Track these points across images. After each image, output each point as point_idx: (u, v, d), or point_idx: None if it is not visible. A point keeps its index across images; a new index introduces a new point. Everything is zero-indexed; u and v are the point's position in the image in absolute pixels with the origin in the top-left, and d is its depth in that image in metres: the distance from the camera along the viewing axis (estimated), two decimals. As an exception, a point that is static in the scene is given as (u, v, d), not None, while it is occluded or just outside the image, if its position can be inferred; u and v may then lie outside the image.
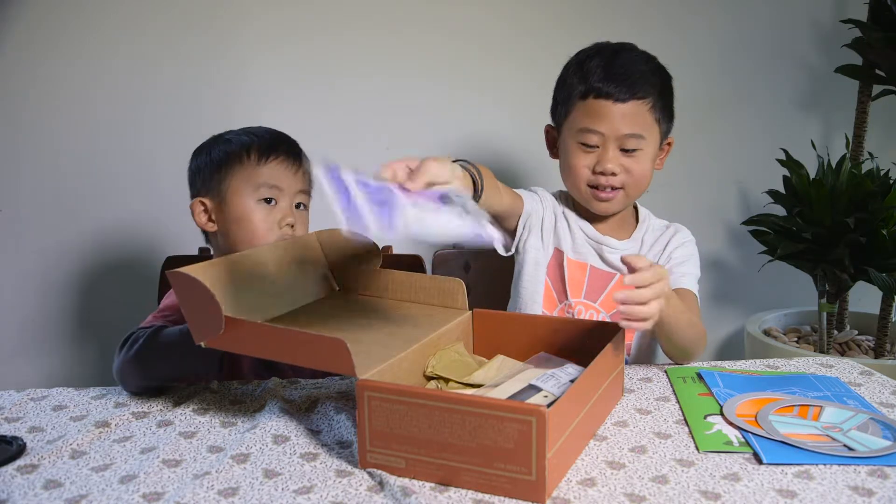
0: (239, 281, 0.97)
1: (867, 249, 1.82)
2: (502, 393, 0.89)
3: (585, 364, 0.88)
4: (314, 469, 0.82)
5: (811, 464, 0.80)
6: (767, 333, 2.04)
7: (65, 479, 0.80)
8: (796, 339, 2.08)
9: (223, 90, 1.90)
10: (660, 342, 1.16)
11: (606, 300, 1.27)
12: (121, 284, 1.93)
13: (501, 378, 0.93)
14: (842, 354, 2.00)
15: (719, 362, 1.14)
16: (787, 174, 1.91)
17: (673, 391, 1.02)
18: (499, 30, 1.97)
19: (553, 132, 1.32)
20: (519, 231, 1.28)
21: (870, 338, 2.06)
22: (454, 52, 1.96)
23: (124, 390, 1.04)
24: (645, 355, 1.29)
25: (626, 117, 1.20)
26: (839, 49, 1.97)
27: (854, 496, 0.75)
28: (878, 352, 1.98)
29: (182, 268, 0.88)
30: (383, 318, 1.01)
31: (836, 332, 2.06)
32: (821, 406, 0.94)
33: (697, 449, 0.85)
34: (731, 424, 0.90)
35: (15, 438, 0.88)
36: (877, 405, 0.97)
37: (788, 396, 0.97)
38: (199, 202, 1.23)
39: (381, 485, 0.77)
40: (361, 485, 0.78)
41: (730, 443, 0.86)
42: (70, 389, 1.06)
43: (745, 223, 1.97)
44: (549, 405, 0.73)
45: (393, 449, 0.79)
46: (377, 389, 0.78)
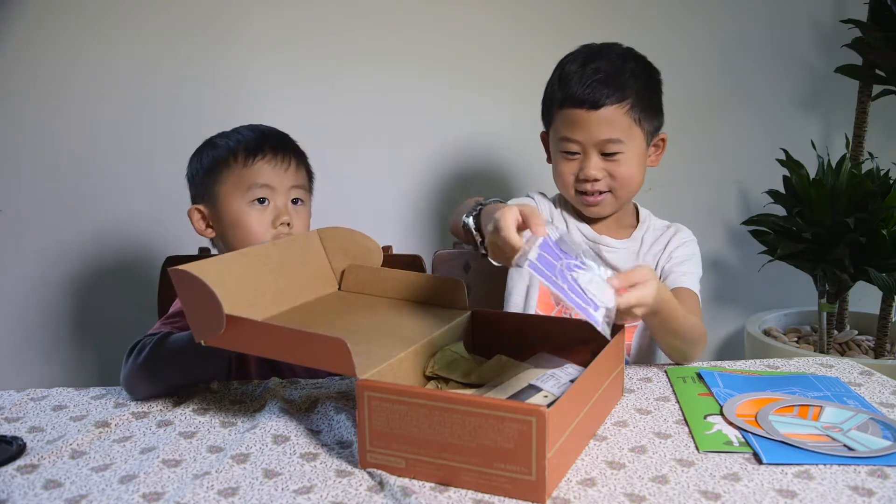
0: (240, 278, 0.97)
1: (867, 249, 1.82)
2: (502, 393, 0.89)
3: (585, 364, 0.88)
4: (314, 469, 0.82)
5: (811, 464, 0.80)
6: (767, 333, 2.04)
7: (65, 479, 0.80)
8: (796, 339, 2.08)
9: (223, 90, 1.90)
10: (658, 343, 1.16)
11: None
12: (121, 284, 1.93)
13: (501, 378, 0.93)
14: (842, 354, 2.00)
15: (719, 362, 1.14)
16: (787, 174, 1.91)
17: (673, 391, 1.02)
18: (499, 30, 1.97)
19: (547, 137, 1.33)
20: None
21: (870, 338, 2.06)
22: (454, 52, 1.96)
23: (132, 399, 1.02)
24: (645, 355, 1.29)
25: (602, 123, 1.20)
26: (839, 49, 1.97)
27: (854, 496, 0.75)
28: (878, 352, 1.98)
29: (184, 265, 0.89)
30: (383, 318, 1.01)
31: (836, 332, 2.06)
32: (821, 406, 0.94)
33: (697, 449, 0.85)
34: (731, 424, 0.90)
35: (15, 438, 0.88)
36: (877, 405, 0.97)
37: (788, 396, 0.97)
38: (196, 210, 1.23)
39: (381, 485, 0.77)
40: (361, 485, 0.78)
41: (730, 443, 0.86)
42: (70, 389, 1.06)
43: (745, 223, 1.97)
44: (549, 405, 0.73)
45: (393, 449, 0.79)
46: (377, 389, 0.78)
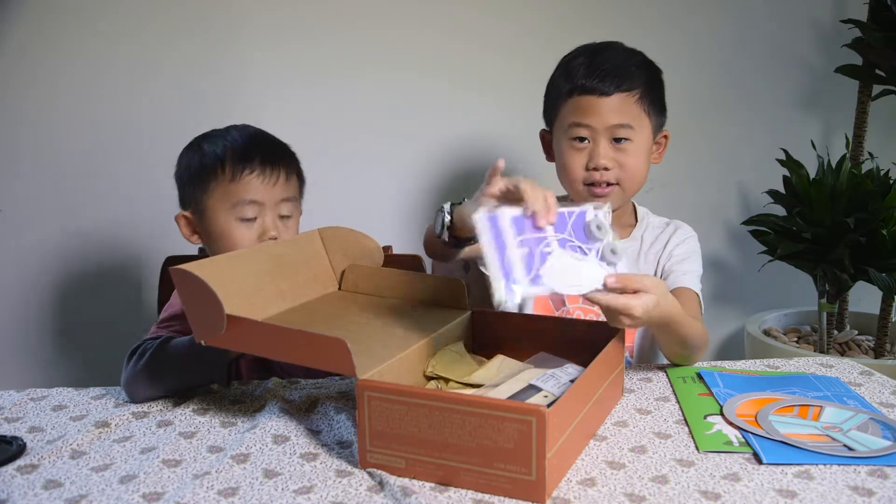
0: (240, 278, 0.97)
1: (867, 249, 1.82)
2: (502, 393, 0.89)
3: (585, 364, 0.88)
4: (314, 469, 0.82)
5: (811, 464, 0.80)
6: (767, 333, 2.03)
7: (65, 479, 0.80)
8: (796, 339, 2.08)
9: (223, 90, 1.90)
10: (661, 349, 1.16)
11: None
12: (121, 284, 1.93)
13: (501, 378, 0.93)
14: (842, 354, 2.00)
15: (719, 362, 1.14)
16: (787, 174, 1.91)
17: (673, 391, 1.02)
18: (499, 30, 1.97)
19: (547, 136, 1.33)
20: None
21: (870, 338, 2.06)
22: (454, 52, 1.96)
23: (132, 402, 1.01)
24: (647, 356, 1.29)
25: (614, 109, 1.21)
26: (839, 49, 1.97)
27: (854, 496, 0.75)
28: (878, 352, 1.98)
29: (185, 264, 0.89)
30: (383, 318, 1.01)
31: (836, 332, 2.06)
32: (821, 406, 0.94)
33: (697, 449, 0.85)
34: (731, 424, 0.90)
35: (15, 438, 0.88)
36: (877, 405, 0.97)
37: (788, 396, 0.97)
38: (183, 216, 1.20)
39: (381, 485, 0.77)
40: (361, 485, 0.78)
41: (730, 443, 0.86)
42: (70, 389, 1.06)
43: (745, 223, 1.97)
44: (549, 405, 0.73)
45: (393, 449, 0.79)
46: (377, 389, 0.78)
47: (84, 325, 1.95)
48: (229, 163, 1.16)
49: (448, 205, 1.04)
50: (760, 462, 0.81)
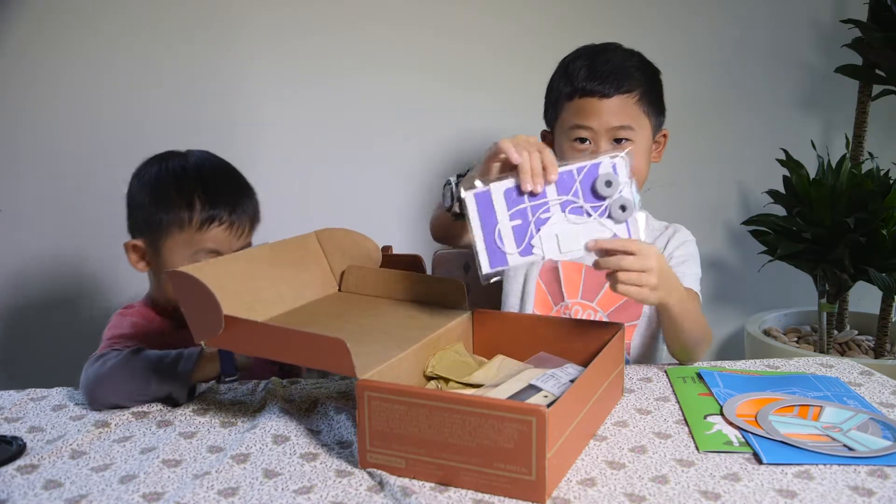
0: (238, 281, 0.97)
1: (867, 249, 1.82)
2: (502, 393, 0.89)
3: (585, 364, 0.88)
4: (314, 469, 0.82)
5: (811, 464, 0.80)
6: (767, 333, 2.04)
7: (65, 479, 0.80)
8: (796, 339, 2.08)
9: (223, 90, 1.90)
10: (665, 338, 1.16)
11: (604, 299, 1.27)
12: (121, 284, 1.93)
13: (501, 378, 0.93)
14: (842, 354, 2.00)
15: (719, 362, 1.14)
16: (787, 174, 1.91)
17: (673, 391, 1.02)
18: (500, 30, 1.97)
19: (549, 136, 1.33)
20: None
21: (870, 338, 2.06)
22: (454, 52, 1.96)
23: (91, 406, 0.99)
24: (645, 355, 1.29)
25: (614, 111, 1.21)
26: (839, 49, 1.97)
27: (854, 496, 0.75)
28: (878, 352, 1.98)
29: (182, 267, 0.89)
30: (383, 318, 1.01)
31: (836, 332, 2.06)
32: (821, 406, 0.94)
33: (697, 449, 0.85)
34: (731, 424, 0.90)
35: (15, 438, 0.88)
36: (877, 405, 0.97)
37: (788, 396, 0.97)
38: (133, 246, 1.19)
39: (381, 485, 0.77)
40: (361, 485, 0.78)
41: (730, 443, 0.86)
42: (70, 389, 1.06)
43: (745, 223, 1.97)
44: (549, 405, 0.73)
45: (393, 449, 0.79)
46: (377, 389, 0.78)
47: (84, 325, 1.95)
48: (198, 215, 1.14)
49: (454, 176, 1.05)
50: (760, 462, 0.81)
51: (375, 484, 0.78)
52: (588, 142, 1.23)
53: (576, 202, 0.89)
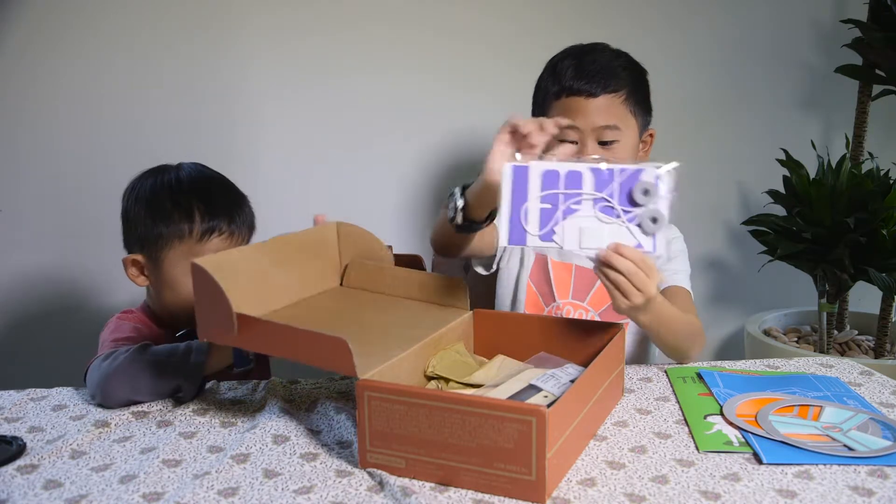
0: (254, 271, 0.97)
1: (867, 249, 1.82)
2: (502, 393, 0.89)
3: (585, 364, 0.88)
4: (314, 469, 0.82)
5: (811, 464, 0.80)
6: (767, 333, 2.03)
7: (65, 479, 0.80)
8: (796, 339, 2.08)
9: (223, 90, 1.90)
10: (656, 345, 1.16)
11: (595, 298, 1.27)
12: (121, 284, 1.92)
13: (502, 378, 0.93)
14: (842, 354, 2.00)
15: (719, 362, 1.14)
16: (787, 174, 1.91)
17: (673, 391, 1.02)
18: (500, 30, 1.97)
19: None
20: (499, 253, 1.30)
21: (870, 338, 2.06)
22: (454, 52, 1.96)
23: (102, 404, 0.99)
24: (639, 353, 1.30)
25: (601, 110, 1.22)
26: (839, 49, 1.97)
27: (854, 496, 0.75)
28: (878, 352, 1.98)
29: (201, 258, 0.89)
30: (384, 316, 1.01)
31: (836, 332, 2.06)
32: (821, 406, 0.94)
33: (697, 449, 0.85)
34: (731, 424, 0.90)
35: (15, 438, 0.88)
36: (877, 405, 0.97)
37: (788, 396, 0.97)
38: (132, 261, 1.19)
39: (381, 485, 0.77)
40: (361, 485, 0.78)
41: (730, 443, 0.86)
42: (70, 389, 1.06)
43: (745, 223, 1.97)
44: (550, 405, 0.73)
45: (393, 449, 0.79)
46: (377, 389, 0.78)
47: (84, 325, 1.94)
48: (198, 226, 1.15)
49: (459, 188, 1.04)
50: (760, 462, 0.81)
51: (375, 484, 0.78)
52: (575, 143, 1.23)
53: (609, 202, 0.88)
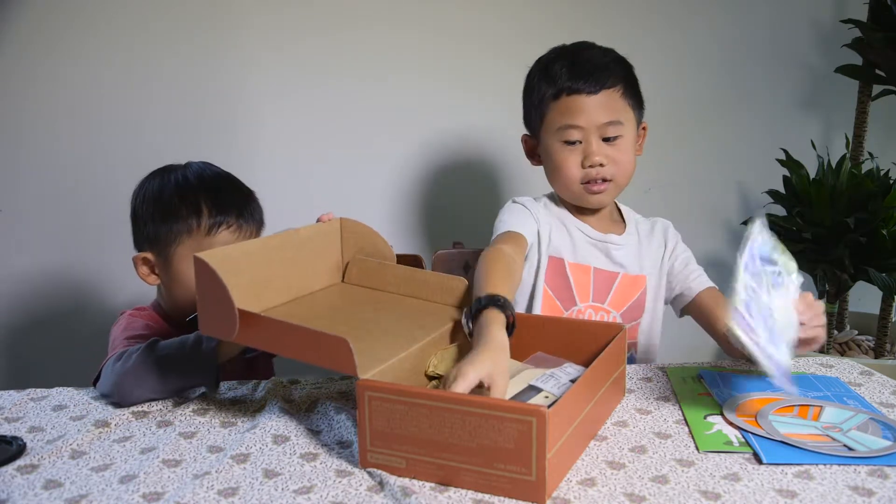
0: (257, 267, 0.97)
1: (867, 249, 1.82)
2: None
3: (586, 365, 0.88)
4: (314, 469, 0.82)
5: (811, 464, 0.80)
6: (767, 333, 2.03)
7: (65, 479, 0.80)
8: (796, 340, 2.08)
9: (223, 90, 1.90)
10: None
11: (615, 299, 1.27)
12: (121, 284, 1.92)
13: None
14: (842, 354, 2.00)
15: (719, 362, 1.14)
16: (787, 174, 1.91)
17: (673, 391, 1.02)
18: (499, 30, 1.97)
19: (530, 140, 1.33)
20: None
21: (870, 338, 2.06)
22: (454, 52, 1.96)
23: (120, 404, 0.99)
24: (651, 353, 1.30)
25: (602, 107, 1.22)
26: (839, 49, 1.97)
27: (854, 496, 0.75)
28: (878, 352, 1.99)
29: (209, 251, 0.89)
30: (384, 315, 1.01)
31: (836, 332, 2.06)
32: (821, 406, 0.94)
33: (697, 449, 0.85)
34: (731, 424, 0.90)
35: (15, 438, 0.88)
36: (877, 405, 0.97)
37: (788, 396, 0.97)
38: (143, 259, 1.19)
39: (381, 485, 0.77)
40: (361, 485, 0.78)
41: (730, 443, 0.86)
42: (70, 389, 1.06)
43: (745, 223, 1.97)
44: (550, 405, 0.73)
45: (393, 449, 0.79)
46: (377, 389, 0.78)
47: (84, 325, 1.95)
48: (206, 220, 1.16)
49: (466, 315, 0.98)
50: (760, 462, 0.81)
51: (375, 484, 0.78)
52: (578, 142, 1.23)
53: (759, 284, 0.91)
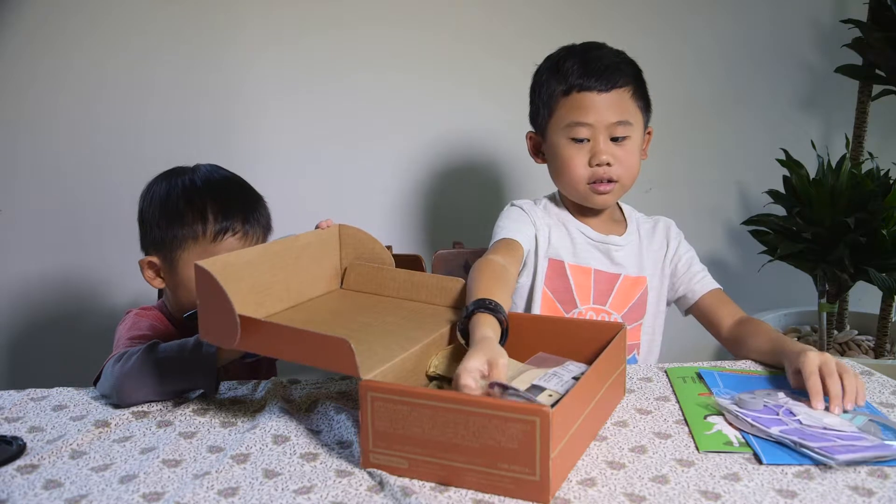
0: (258, 274, 0.97)
1: (867, 249, 1.82)
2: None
3: (586, 364, 0.88)
4: (314, 469, 0.82)
5: (811, 464, 0.80)
6: (767, 333, 2.03)
7: (65, 479, 0.80)
8: (796, 339, 2.07)
9: (223, 90, 1.90)
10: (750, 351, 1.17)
11: (615, 301, 1.27)
12: (121, 284, 1.93)
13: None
14: (842, 354, 2.00)
15: (719, 362, 1.13)
16: (787, 174, 1.91)
17: (673, 391, 1.02)
18: (499, 30, 1.97)
19: (536, 138, 1.32)
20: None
21: (870, 338, 2.06)
22: (454, 52, 1.96)
23: (119, 405, 0.99)
24: (652, 354, 1.30)
25: (612, 106, 1.21)
26: (839, 49, 1.97)
27: (854, 496, 0.75)
28: (878, 352, 1.98)
29: (207, 260, 0.88)
30: (385, 317, 1.01)
31: (836, 332, 2.06)
32: (821, 406, 0.94)
33: (697, 449, 0.85)
34: (731, 425, 0.90)
35: (15, 438, 0.88)
36: (877, 405, 0.97)
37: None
38: (149, 262, 1.19)
39: (381, 485, 0.77)
40: (361, 485, 0.78)
41: (730, 443, 0.86)
42: (70, 389, 1.06)
43: (745, 223, 1.97)
44: (554, 404, 0.73)
45: (396, 450, 0.78)
46: (380, 390, 0.78)
47: (84, 325, 1.95)
48: (212, 226, 1.16)
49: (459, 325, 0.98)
50: (760, 462, 0.81)
51: (375, 484, 0.78)
52: (587, 141, 1.23)
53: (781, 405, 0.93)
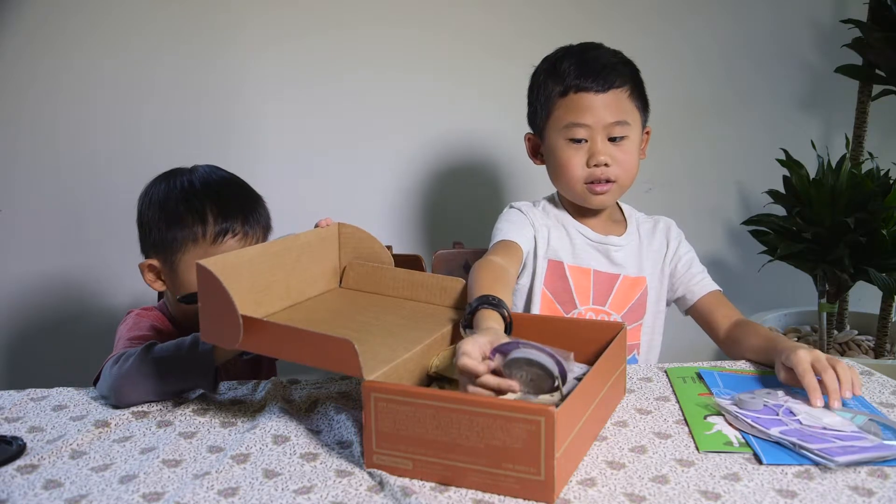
0: (258, 274, 0.97)
1: (867, 249, 1.82)
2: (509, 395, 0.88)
3: (587, 364, 0.88)
4: (314, 469, 0.82)
5: (811, 464, 0.80)
6: (767, 333, 2.03)
7: (65, 479, 0.80)
8: (796, 339, 2.08)
9: (223, 90, 1.90)
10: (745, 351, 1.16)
11: (615, 301, 1.27)
12: (121, 285, 1.93)
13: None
14: (842, 354, 2.00)
15: (719, 362, 1.14)
16: (787, 174, 1.91)
17: (673, 391, 1.02)
18: (499, 30, 1.97)
19: (534, 139, 1.32)
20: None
21: (870, 338, 2.06)
22: (454, 52, 1.96)
23: (117, 406, 0.99)
24: (653, 353, 1.30)
25: (609, 106, 1.21)
26: (839, 49, 1.97)
27: (854, 496, 0.75)
28: (878, 352, 1.98)
29: (213, 258, 0.88)
30: (385, 317, 1.01)
31: (836, 332, 2.06)
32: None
33: (697, 449, 0.85)
34: (731, 425, 0.90)
35: (15, 438, 0.88)
36: (877, 405, 0.97)
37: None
38: (149, 266, 1.19)
39: (381, 485, 0.77)
40: (361, 485, 0.78)
41: (730, 443, 0.86)
42: (70, 389, 1.06)
43: (745, 223, 1.97)
44: (558, 405, 0.73)
45: (400, 450, 0.78)
46: (384, 391, 0.78)
47: (84, 325, 1.95)
48: (212, 228, 1.16)
49: (462, 323, 0.98)
50: (760, 462, 0.81)
51: (375, 484, 0.78)
52: (584, 141, 1.23)
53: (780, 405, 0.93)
